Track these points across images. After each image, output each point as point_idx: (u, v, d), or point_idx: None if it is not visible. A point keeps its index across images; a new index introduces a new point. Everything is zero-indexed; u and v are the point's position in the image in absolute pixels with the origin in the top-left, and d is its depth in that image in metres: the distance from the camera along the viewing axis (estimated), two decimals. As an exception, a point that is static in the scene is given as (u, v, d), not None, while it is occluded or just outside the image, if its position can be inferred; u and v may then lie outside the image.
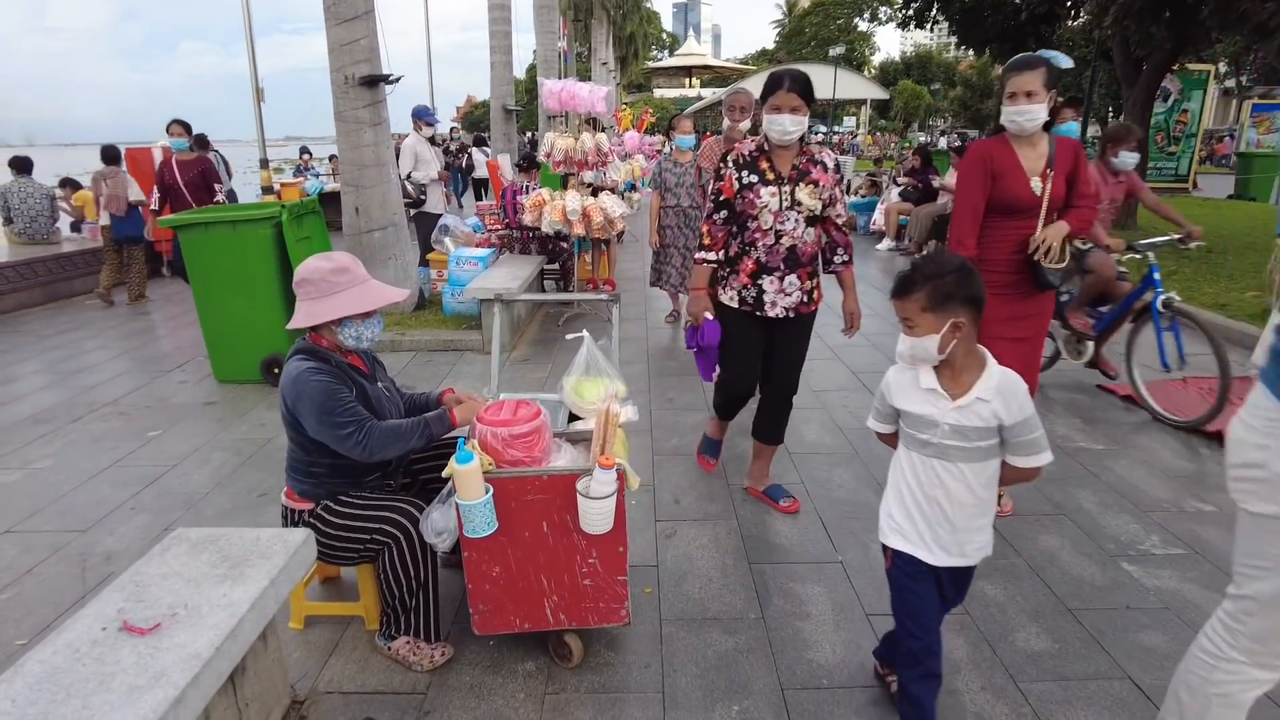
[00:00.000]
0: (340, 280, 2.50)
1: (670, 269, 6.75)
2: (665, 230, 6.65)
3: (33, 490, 3.93)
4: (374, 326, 2.57)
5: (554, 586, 2.47)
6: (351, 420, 2.43)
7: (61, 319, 7.79)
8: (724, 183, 3.26)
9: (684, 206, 6.50)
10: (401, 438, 2.49)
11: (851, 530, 3.42)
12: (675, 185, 6.53)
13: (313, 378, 2.43)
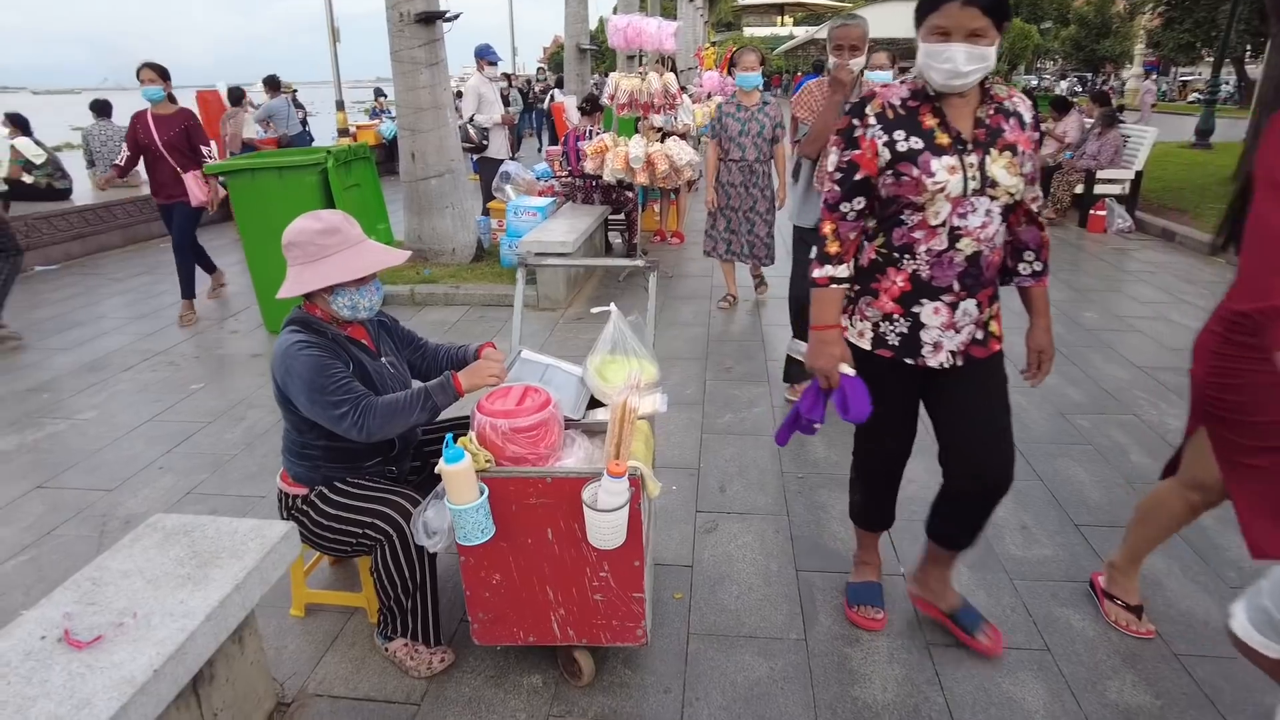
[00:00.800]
0: (329, 243, 2.20)
1: (728, 237, 5.73)
2: (724, 189, 5.61)
3: (72, 443, 3.89)
4: (370, 294, 2.27)
5: (561, 599, 2.18)
6: (345, 398, 2.15)
7: (135, 263, 7.91)
8: (859, 152, 2.04)
9: (749, 160, 5.45)
10: (401, 412, 2.20)
11: (919, 536, 2.99)
12: (739, 134, 5.44)
13: (302, 352, 2.16)
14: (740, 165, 5.49)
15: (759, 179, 5.50)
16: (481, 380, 2.30)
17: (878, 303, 2.14)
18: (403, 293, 6.18)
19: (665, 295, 6.30)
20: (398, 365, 2.49)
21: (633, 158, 6.56)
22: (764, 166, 5.48)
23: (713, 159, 5.60)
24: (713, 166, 5.61)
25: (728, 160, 5.52)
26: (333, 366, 2.17)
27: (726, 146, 5.49)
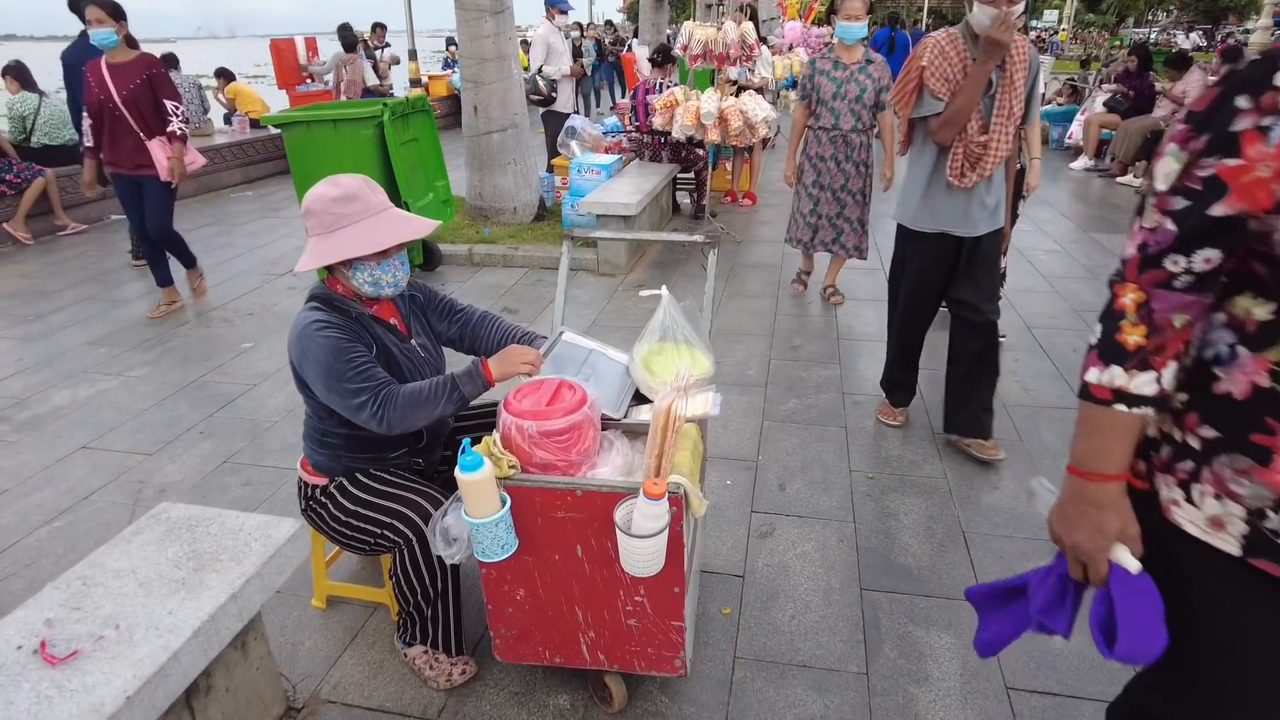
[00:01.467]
0: (346, 212, 1.97)
1: (813, 222, 4.91)
2: (811, 163, 4.78)
3: (120, 402, 3.85)
4: (394, 269, 2.03)
5: (591, 621, 1.95)
6: (364, 385, 1.94)
7: (205, 213, 7.95)
8: (1238, 164, 0.98)
9: (844, 130, 4.61)
10: (425, 403, 1.98)
11: (1004, 555, 2.67)
12: (833, 97, 4.58)
13: (319, 333, 1.95)
14: (833, 135, 4.67)
15: (855, 152, 4.68)
16: (514, 369, 2.06)
17: (1266, 472, 1.05)
18: (460, 253, 5.99)
19: (732, 261, 5.96)
20: (430, 348, 2.26)
21: (704, 113, 6.18)
22: (862, 138, 4.64)
23: (799, 125, 4.80)
24: (798, 134, 4.82)
25: (817, 128, 4.71)
26: (352, 350, 1.96)
27: (817, 111, 4.68)
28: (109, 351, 4.46)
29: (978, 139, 2.93)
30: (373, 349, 2.03)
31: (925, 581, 2.54)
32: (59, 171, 7.02)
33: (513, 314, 4.95)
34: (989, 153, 2.95)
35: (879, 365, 4.08)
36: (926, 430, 3.45)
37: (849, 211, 4.82)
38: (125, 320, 4.97)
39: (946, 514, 2.88)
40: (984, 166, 2.96)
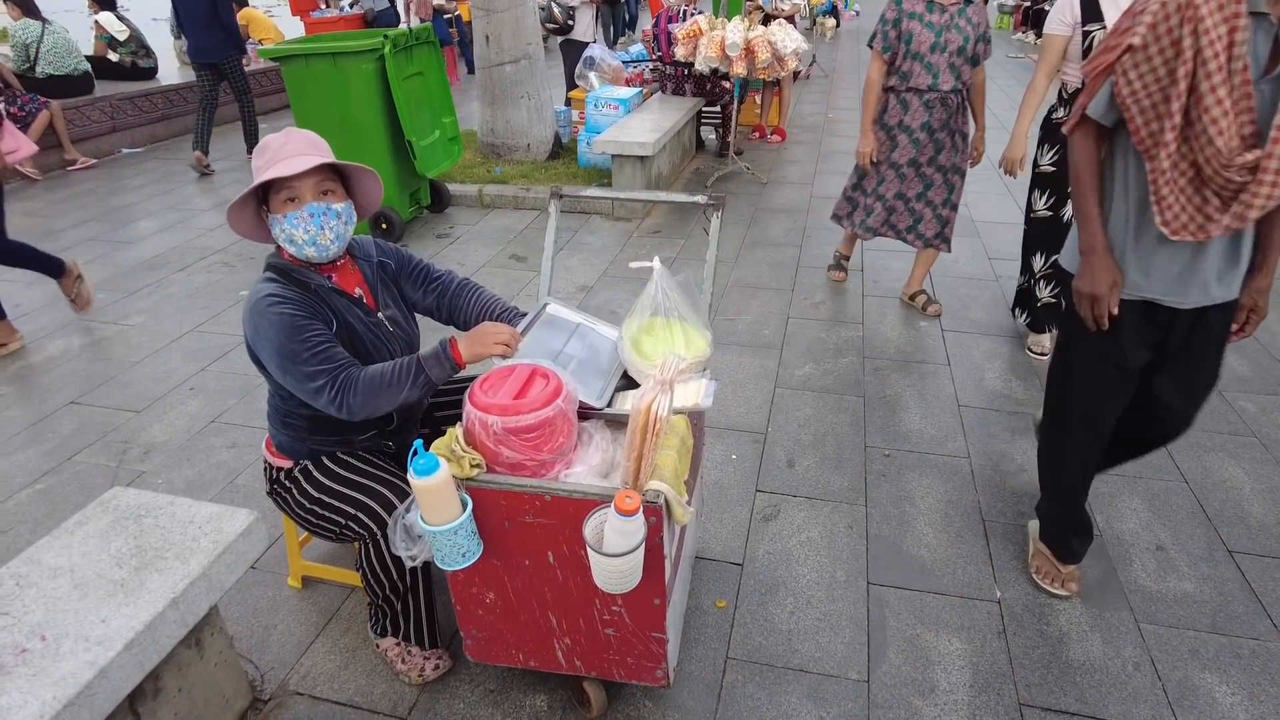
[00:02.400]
0: (258, 164, 1.79)
1: (881, 205, 3.89)
2: (891, 134, 3.72)
3: (113, 353, 3.74)
4: (304, 223, 1.77)
5: (566, 628, 1.80)
6: (322, 368, 1.76)
7: (215, 147, 7.73)
8: None
9: (943, 91, 3.55)
10: (388, 388, 1.79)
11: (1025, 548, 2.47)
12: (930, 49, 3.50)
13: (272, 308, 1.76)
14: (928, 99, 3.59)
15: (954, 117, 3.64)
16: (487, 350, 1.85)
17: None
18: (470, 193, 5.75)
19: (755, 206, 5.65)
20: (402, 320, 2.06)
21: (729, 44, 5.78)
22: (960, 99, 3.63)
23: (876, 85, 3.71)
24: (876, 97, 3.72)
25: (905, 90, 3.62)
26: (309, 328, 1.77)
27: (906, 68, 3.57)
28: (108, 297, 4.35)
29: (1237, 157, 1.63)
30: (333, 325, 1.84)
31: (938, 577, 2.35)
32: (65, 104, 6.85)
33: (521, 261, 4.73)
34: (1260, 186, 1.63)
35: (904, 326, 3.84)
36: (951, 402, 3.22)
37: (934, 193, 3.80)
38: (128, 262, 4.85)
39: (966, 499, 2.67)
40: (1245, 205, 1.66)
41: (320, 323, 1.80)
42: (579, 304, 4.11)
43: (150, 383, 3.48)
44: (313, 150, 1.80)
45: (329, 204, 1.79)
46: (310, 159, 1.76)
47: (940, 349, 3.63)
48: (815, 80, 10.73)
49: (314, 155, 1.78)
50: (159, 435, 3.11)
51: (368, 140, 4.79)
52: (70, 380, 3.50)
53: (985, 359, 3.54)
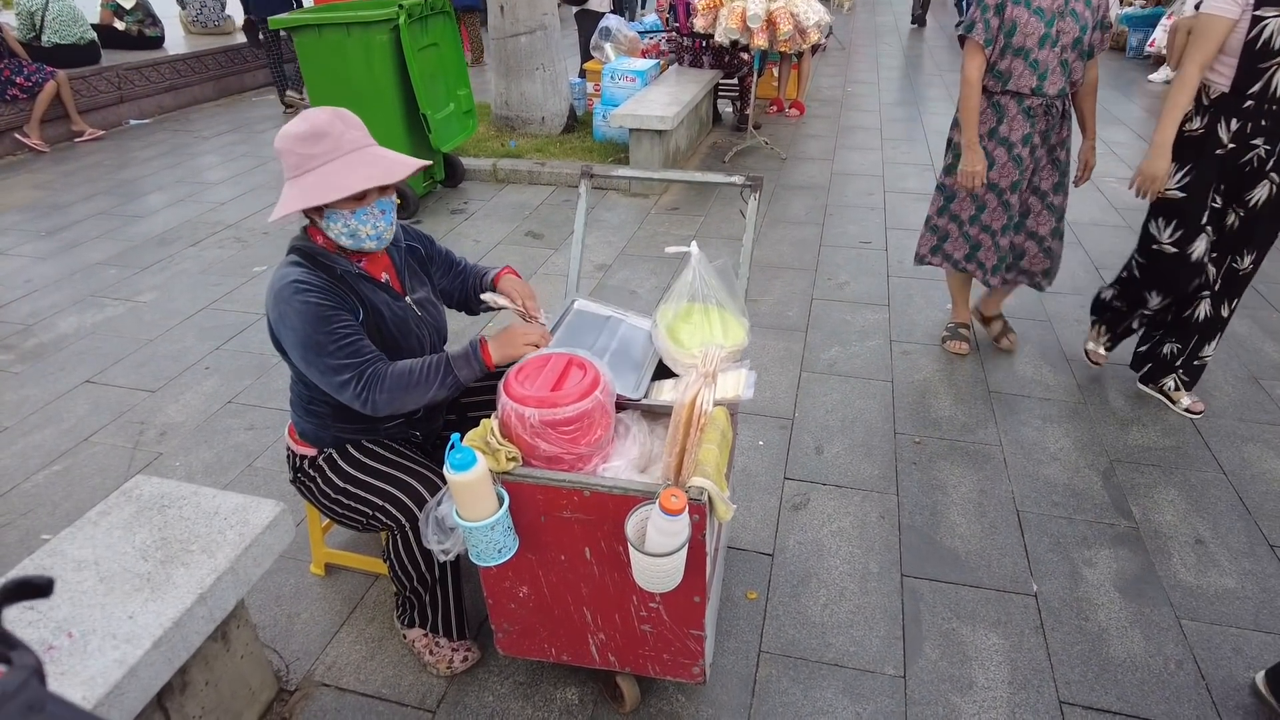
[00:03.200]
0: (314, 152, 1.68)
1: (981, 237, 3.13)
2: (992, 148, 2.97)
3: (126, 330, 3.69)
4: (373, 219, 1.74)
5: (601, 624, 1.76)
6: (348, 362, 1.70)
7: (224, 119, 7.64)
8: None
9: (1048, 96, 2.85)
10: (416, 387, 1.75)
11: (1061, 540, 2.42)
12: (1039, 43, 2.76)
13: (298, 295, 1.70)
14: (1029, 106, 2.86)
15: (1058, 128, 2.94)
16: (516, 352, 1.80)
17: None
18: (484, 168, 5.65)
19: (774, 183, 5.54)
20: (429, 305, 2.00)
21: (750, 15, 5.63)
22: (1066, 104, 2.94)
23: (977, 85, 2.87)
24: (976, 101, 2.89)
25: (1002, 93, 2.89)
26: (336, 319, 1.71)
27: (1005, 66, 2.82)
28: (119, 273, 4.29)
29: None
30: (359, 314, 1.78)
31: (973, 569, 2.30)
32: (72, 73, 6.73)
33: (537, 239, 4.65)
34: None
35: (932, 310, 3.76)
36: (981, 388, 3.16)
37: (1040, 221, 3.09)
38: (138, 237, 4.78)
39: (1000, 489, 2.62)
40: None
41: (347, 313, 1.74)
42: (597, 283, 4.04)
43: (165, 361, 3.43)
44: (369, 137, 1.76)
45: (390, 198, 1.77)
46: (390, 154, 1.74)
47: (969, 333, 3.55)
48: (832, 53, 10.53)
49: (374, 143, 1.75)
50: (175, 416, 3.06)
51: (382, 113, 4.69)
52: (84, 359, 3.45)
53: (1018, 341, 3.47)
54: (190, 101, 8.10)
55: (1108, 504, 2.56)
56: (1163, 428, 2.92)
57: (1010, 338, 3.44)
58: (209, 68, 8.30)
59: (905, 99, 8.05)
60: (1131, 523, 2.48)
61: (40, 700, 0.44)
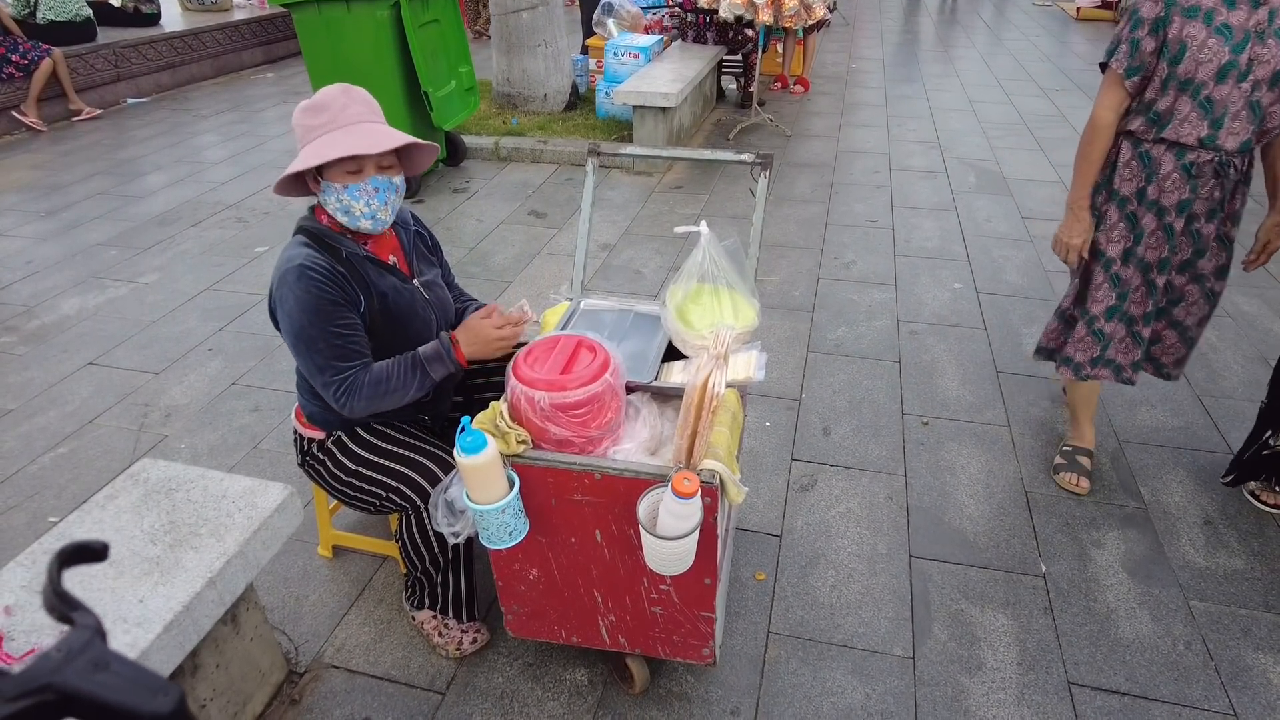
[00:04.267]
0: (313, 124, 1.68)
1: (1109, 329, 2.37)
2: (1129, 212, 2.26)
3: (128, 313, 3.67)
4: (365, 196, 1.70)
5: (611, 605, 1.75)
6: (334, 364, 1.71)
7: (223, 97, 7.56)
8: None
9: (1225, 151, 2.09)
10: (391, 392, 1.76)
11: (1070, 521, 2.41)
12: (1218, 74, 1.99)
13: (301, 281, 1.68)
14: (1194, 163, 2.13)
15: (1230, 196, 2.23)
16: (488, 351, 1.82)
17: None
18: (486, 146, 5.60)
19: (781, 161, 5.49)
20: (437, 287, 1.98)
21: (754, -9, 5.55)
22: (1244, 162, 2.18)
23: (1105, 130, 2.21)
24: (1102, 150, 2.24)
25: (1154, 141, 2.16)
26: (333, 315, 1.69)
27: (1166, 105, 2.10)
28: (120, 254, 4.26)
29: None
30: (361, 303, 1.75)
31: (982, 550, 2.30)
32: (68, 51, 6.65)
33: (540, 218, 4.62)
34: None
35: (938, 288, 3.74)
36: (989, 369, 3.14)
37: (1189, 312, 2.40)
38: (139, 217, 4.75)
39: (1008, 469, 2.61)
40: None
41: (348, 306, 1.73)
42: (602, 263, 4.02)
43: (168, 343, 3.41)
44: (374, 115, 1.75)
45: (390, 178, 1.74)
46: (383, 128, 1.71)
47: (976, 312, 3.53)
48: (836, 29, 10.40)
49: (379, 121, 1.73)
50: (179, 398, 3.05)
51: (382, 90, 4.62)
52: (87, 340, 3.44)
53: (1021, 323, 3.45)
54: (188, 80, 8.02)
55: (1116, 485, 2.55)
56: (1172, 408, 2.90)
57: (1086, 481, 2.53)
58: (207, 45, 8.20)
59: (910, 75, 7.97)
60: (1140, 504, 2.47)
61: (104, 658, 0.47)
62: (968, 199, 4.80)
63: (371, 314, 1.76)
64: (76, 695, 0.46)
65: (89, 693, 0.46)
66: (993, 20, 11.32)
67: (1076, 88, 7.42)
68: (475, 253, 4.20)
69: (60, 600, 0.53)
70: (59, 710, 0.46)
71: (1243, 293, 3.68)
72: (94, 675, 0.47)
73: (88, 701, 0.45)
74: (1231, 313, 3.51)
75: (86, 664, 0.47)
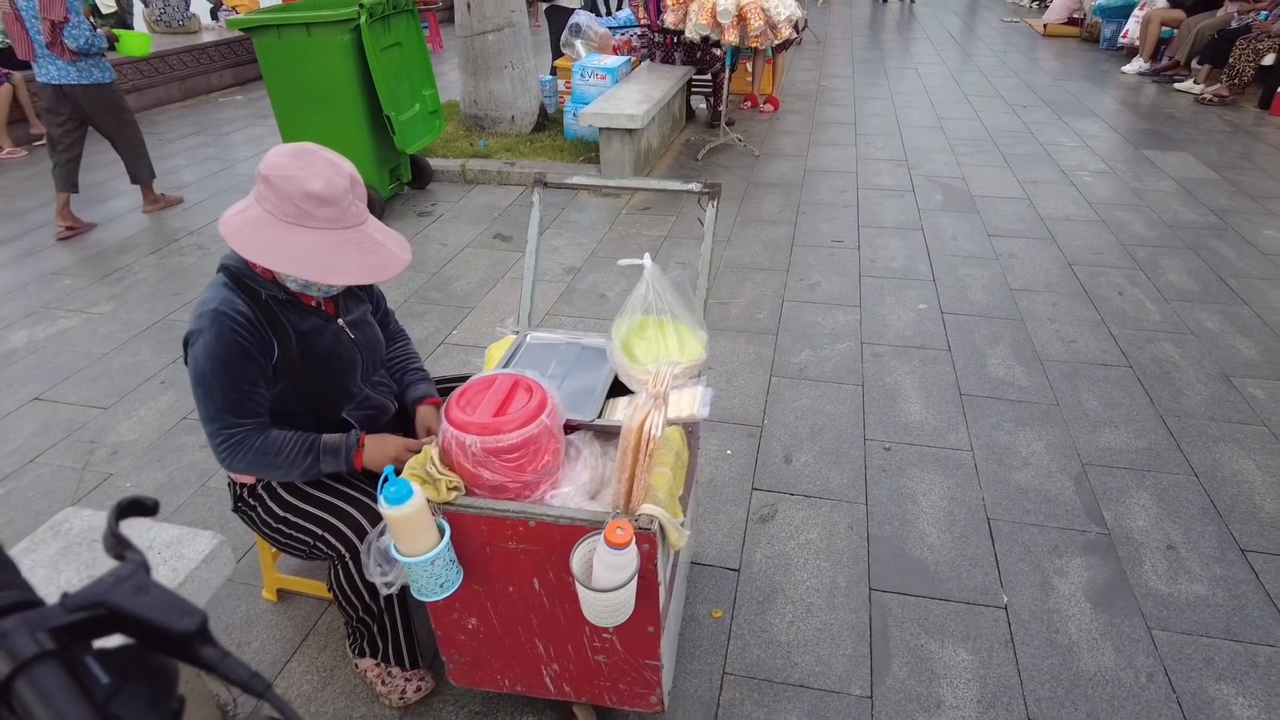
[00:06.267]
0: (317, 214, 1.55)
1: None
2: None
3: (79, 344, 3.58)
4: (328, 286, 1.70)
5: (554, 654, 1.69)
6: (227, 418, 1.66)
7: (190, 121, 7.48)
8: None
9: None
10: (277, 468, 1.72)
11: (1032, 549, 2.38)
12: None
13: (212, 325, 1.61)
14: None
15: None
16: (381, 466, 1.75)
17: None
18: (453, 168, 5.55)
19: (747, 181, 5.48)
20: (364, 326, 1.91)
21: (720, 11, 5.56)
22: None
23: None
24: None
25: None
26: (239, 369, 1.63)
27: None
28: (74, 283, 4.17)
29: None
30: (274, 351, 1.69)
31: (943, 581, 2.26)
32: (28, 74, 6.55)
33: (506, 241, 4.57)
34: None
35: (903, 309, 3.72)
36: (952, 391, 3.11)
37: None
38: (97, 245, 4.66)
39: (970, 496, 2.58)
40: None
41: (258, 359, 1.66)
42: (567, 286, 3.97)
43: (119, 376, 3.33)
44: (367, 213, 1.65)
45: None
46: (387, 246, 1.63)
47: (940, 333, 3.51)
48: (808, 47, 10.48)
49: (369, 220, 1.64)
50: (128, 433, 2.97)
51: (344, 115, 4.58)
52: (34, 374, 3.35)
53: (986, 344, 3.43)
54: (154, 103, 7.93)
55: (1079, 510, 2.52)
56: (1136, 429, 2.89)
57: None
58: (174, 68, 8.13)
59: (880, 92, 8.02)
60: (1103, 529, 2.45)
61: (146, 584, 0.57)
62: (934, 217, 4.81)
63: (289, 357, 1.70)
64: (120, 611, 0.54)
65: (131, 610, 0.54)
66: (962, 37, 11.45)
67: (1044, 103, 7.49)
68: (438, 278, 4.14)
69: (117, 541, 0.63)
70: (108, 625, 0.55)
71: (1205, 309, 3.69)
72: (136, 597, 0.55)
73: (130, 617, 0.54)
74: (1194, 330, 3.52)
75: (131, 588, 0.56)
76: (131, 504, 0.71)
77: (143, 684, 0.56)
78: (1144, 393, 3.09)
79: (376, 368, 1.96)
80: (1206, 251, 4.32)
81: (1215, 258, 4.24)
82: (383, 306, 2.08)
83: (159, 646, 0.57)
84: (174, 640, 0.56)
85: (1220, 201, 5.02)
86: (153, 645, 0.57)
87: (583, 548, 1.43)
